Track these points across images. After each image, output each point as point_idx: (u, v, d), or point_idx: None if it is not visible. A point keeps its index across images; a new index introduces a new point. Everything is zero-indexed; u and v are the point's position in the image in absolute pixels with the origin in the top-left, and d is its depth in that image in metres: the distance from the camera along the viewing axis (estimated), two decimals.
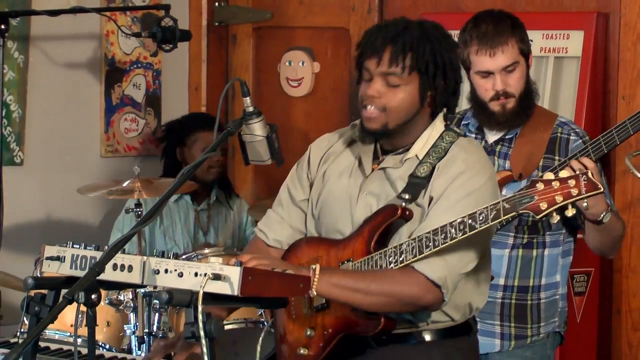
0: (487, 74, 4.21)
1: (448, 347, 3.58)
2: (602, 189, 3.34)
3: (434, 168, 3.50)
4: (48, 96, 5.86)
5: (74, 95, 5.98)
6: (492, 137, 4.31)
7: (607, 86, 5.26)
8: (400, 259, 3.44)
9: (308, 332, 3.55)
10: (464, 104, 4.50)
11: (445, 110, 3.58)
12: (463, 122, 4.40)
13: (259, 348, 3.58)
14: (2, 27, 4.97)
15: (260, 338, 3.68)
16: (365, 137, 3.61)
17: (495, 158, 4.23)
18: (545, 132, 4.24)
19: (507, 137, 4.28)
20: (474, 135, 4.33)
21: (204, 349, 2.98)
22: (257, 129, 3.51)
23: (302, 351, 3.54)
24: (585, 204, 3.36)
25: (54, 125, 5.89)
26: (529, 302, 4.30)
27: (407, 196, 3.48)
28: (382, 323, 3.47)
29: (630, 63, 5.19)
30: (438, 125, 3.58)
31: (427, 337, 3.56)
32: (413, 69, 3.47)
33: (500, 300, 4.29)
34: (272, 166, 3.72)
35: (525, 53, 4.23)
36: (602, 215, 4.02)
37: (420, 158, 3.53)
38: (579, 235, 4.34)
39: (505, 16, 4.25)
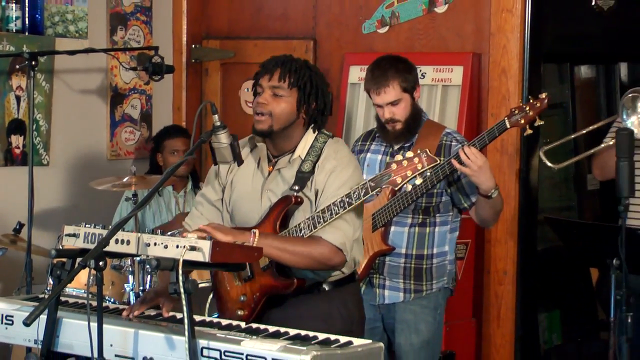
0: (379, 105, 4.22)
1: (342, 292, 3.62)
2: (438, 161, 3.48)
3: (314, 165, 3.54)
4: (67, 114, 5.79)
5: (86, 114, 5.93)
6: (396, 145, 4.31)
7: (480, 107, 5.28)
8: (301, 234, 3.49)
9: (242, 298, 3.56)
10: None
11: (314, 124, 3.60)
12: (377, 134, 4.40)
13: (207, 307, 3.58)
14: (33, 63, 4.93)
15: (209, 300, 3.73)
16: (258, 144, 3.63)
17: None
18: (435, 140, 4.25)
19: (406, 145, 4.28)
20: (384, 144, 4.34)
21: (183, 302, 2.96)
22: (223, 138, 3.48)
23: (239, 312, 3.55)
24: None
25: (72, 135, 5.83)
26: (424, 266, 4.29)
27: (296, 187, 3.52)
28: (296, 283, 3.52)
29: (496, 90, 5.22)
30: (311, 132, 3.61)
31: (327, 287, 3.59)
32: (294, 85, 3.51)
33: (402, 265, 4.28)
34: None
35: (409, 89, 4.21)
36: (491, 192, 4.05)
37: (303, 157, 3.57)
38: (464, 216, 4.37)
39: (394, 62, 4.24)
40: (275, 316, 3.53)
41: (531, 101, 4.04)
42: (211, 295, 3.72)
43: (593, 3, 5.44)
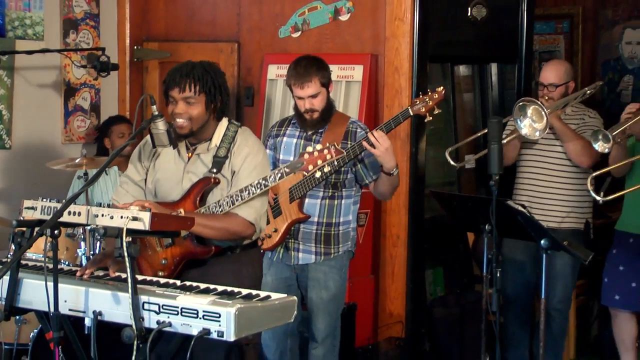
0: (300, 97, 4.21)
1: (249, 255, 3.65)
2: (344, 153, 3.53)
3: (228, 150, 3.54)
4: (27, 105, 5.68)
5: (43, 105, 5.81)
6: (310, 131, 4.31)
7: (377, 99, 5.30)
8: (220, 210, 3.50)
9: (163, 262, 3.55)
10: (290, 111, 4.50)
11: (222, 113, 3.60)
12: (292, 121, 4.40)
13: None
14: None
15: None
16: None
17: (312, 143, 4.24)
18: (342, 127, 4.27)
19: (319, 131, 4.29)
20: (299, 130, 4.33)
21: (127, 264, 2.94)
22: (160, 125, 3.48)
23: (160, 274, 3.53)
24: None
25: (31, 123, 5.72)
26: (332, 232, 4.31)
27: (214, 170, 3.53)
28: (213, 250, 3.52)
29: (390, 85, 5.25)
30: (224, 122, 3.62)
31: (237, 250, 3.61)
32: (201, 92, 3.50)
33: (314, 231, 4.29)
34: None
35: (326, 84, 4.23)
36: (393, 170, 4.08)
37: (218, 144, 3.57)
38: (364, 190, 4.39)
39: (314, 61, 4.24)
40: (193, 274, 3.53)
41: (430, 93, 4.08)
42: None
43: (469, 14, 5.51)
